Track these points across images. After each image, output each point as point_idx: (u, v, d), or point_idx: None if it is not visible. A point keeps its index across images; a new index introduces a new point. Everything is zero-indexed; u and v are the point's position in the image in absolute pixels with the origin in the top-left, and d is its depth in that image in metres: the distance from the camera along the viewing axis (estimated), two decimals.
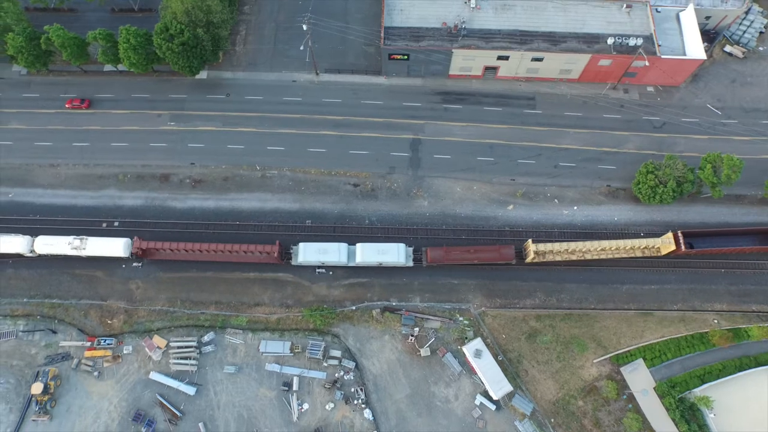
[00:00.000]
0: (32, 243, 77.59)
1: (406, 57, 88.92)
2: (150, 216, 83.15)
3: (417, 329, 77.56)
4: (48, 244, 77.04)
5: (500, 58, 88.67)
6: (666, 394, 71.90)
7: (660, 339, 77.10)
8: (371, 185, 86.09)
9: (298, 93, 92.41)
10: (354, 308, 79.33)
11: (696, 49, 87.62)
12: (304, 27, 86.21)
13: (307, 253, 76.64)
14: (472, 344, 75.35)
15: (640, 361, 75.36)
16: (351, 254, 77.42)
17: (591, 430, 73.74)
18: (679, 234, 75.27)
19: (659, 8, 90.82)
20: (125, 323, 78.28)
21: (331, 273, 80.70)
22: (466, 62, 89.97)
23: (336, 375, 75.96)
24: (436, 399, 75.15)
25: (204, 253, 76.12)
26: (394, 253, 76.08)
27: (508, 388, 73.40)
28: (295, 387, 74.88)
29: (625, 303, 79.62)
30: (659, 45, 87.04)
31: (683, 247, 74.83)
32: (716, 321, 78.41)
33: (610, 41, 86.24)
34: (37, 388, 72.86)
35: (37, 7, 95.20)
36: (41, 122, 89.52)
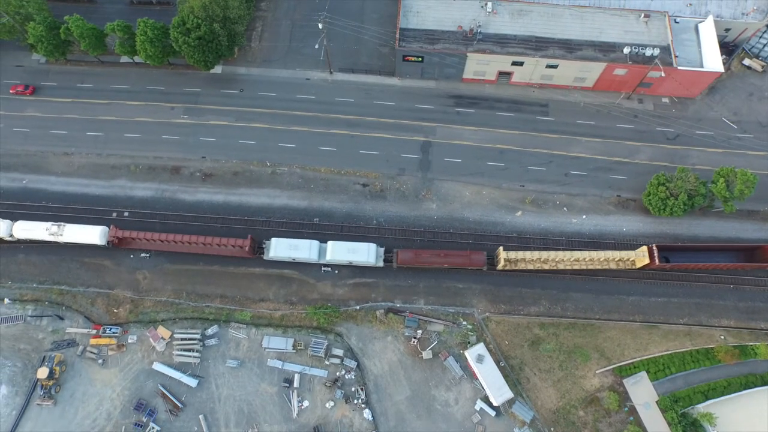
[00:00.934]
0: (11, 227, 78.47)
1: (420, 59, 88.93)
2: (159, 208, 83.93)
3: (420, 332, 77.55)
4: (26, 230, 77.94)
5: (515, 64, 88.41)
6: (668, 409, 71.33)
7: (665, 352, 76.43)
8: (380, 186, 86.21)
9: (311, 91, 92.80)
10: (358, 308, 79.49)
11: (714, 62, 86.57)
12: (320, 26, 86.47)
13: (279, 249, 77.35)
14: (475, 349, 75.16)
15: (644, 374, 74.82)
16: (322, 252, 78.01)
17: None
18: (654, 248, 73.96)
19: (678, 19, 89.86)
20: (131, 313, 79.08)
21: (337, 272, 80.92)
22: (481, 66, 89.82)
23: (337, 374, 76.14)
24: (436, 402, 75.08)
25: (178, 245, 77.68)
26: (364, 253, 76.62)
27: (509, 395, 73.14)
28: (296, 384, 75.16)
29: (631, 314, 79.00)
30: (676, 56, 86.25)
31: (657, 261, 73.64)
32: (723, 337, 77.61)
33: (627, 51, 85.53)
34: (43, 373, 73.75)
35: None
36: (57, 110, 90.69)
